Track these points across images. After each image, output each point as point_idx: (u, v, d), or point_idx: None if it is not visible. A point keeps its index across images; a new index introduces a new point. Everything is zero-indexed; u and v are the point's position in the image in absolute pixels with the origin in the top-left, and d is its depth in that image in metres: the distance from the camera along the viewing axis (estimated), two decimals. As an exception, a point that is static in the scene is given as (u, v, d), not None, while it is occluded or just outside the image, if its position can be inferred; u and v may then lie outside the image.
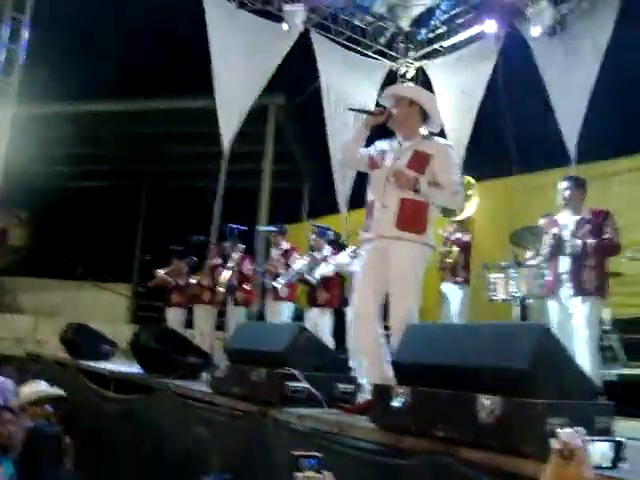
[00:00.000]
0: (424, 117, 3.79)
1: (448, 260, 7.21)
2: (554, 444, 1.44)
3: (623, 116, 8.57)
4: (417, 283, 3.63)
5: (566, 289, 4.80)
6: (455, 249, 7.23)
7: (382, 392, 2.94)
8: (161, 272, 8.84)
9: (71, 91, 10.59)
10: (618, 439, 2.27)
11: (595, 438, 2.15)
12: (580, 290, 4.72)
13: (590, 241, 4.71)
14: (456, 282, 7.16)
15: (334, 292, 7.00)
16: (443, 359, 2.72)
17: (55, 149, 12.97)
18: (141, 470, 4.80)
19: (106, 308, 14.33)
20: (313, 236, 7.20)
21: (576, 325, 4.72)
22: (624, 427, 3.87)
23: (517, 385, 2.43)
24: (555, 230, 4.95)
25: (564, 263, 4.83)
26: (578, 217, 4.87)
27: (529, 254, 6.15)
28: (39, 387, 4.73)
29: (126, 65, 10.58)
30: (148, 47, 10.53)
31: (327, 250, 7.08)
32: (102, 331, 8.33)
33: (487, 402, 2.45)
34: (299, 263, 7.07)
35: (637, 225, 7.39)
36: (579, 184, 4.98)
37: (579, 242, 4.73)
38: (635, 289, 6.82)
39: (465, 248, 7.28)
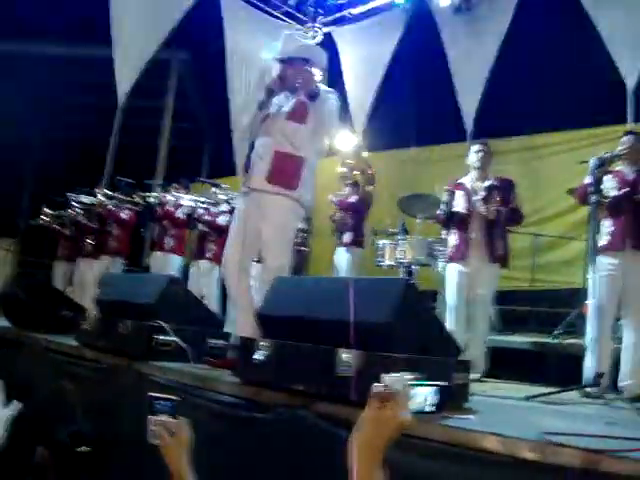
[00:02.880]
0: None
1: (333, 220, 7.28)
2: (374, 388, 1.41)
3: (519, 98, 8.85)
4: (288, 238, 3.66)
5: (476, 254, 4.78)
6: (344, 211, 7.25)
7: (245, 345, 2.87)
8: (49, 211, 8.49)
9: None
10: (442, 384, 2.30)
11: (418, 382, 2.17)
12: (492, 257, 4.75)
13: (503, 209, 4.77)
14: (342, 244, 7.17)
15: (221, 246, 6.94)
16: (307, 312, 2.67)
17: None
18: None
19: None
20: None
21: (479, 290, 4.77)
22: (496, 387, 4.08)
23: (378, 339, 2.42)
24: (462, 193, 4.92)
25: (475, 227, 4.81)
26: (488, 183, 4.86)
27: (418, 221, 6.23)
28: None
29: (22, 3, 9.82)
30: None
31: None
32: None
33: (346, 356, 2.43)
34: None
35: (521, 203, 7.69)
36: (489, 151, 5.03)
37: (495, 208, 4.72)
38: (513, 263, 7.09)
39: (351, 209, 7.27)
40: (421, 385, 2.22)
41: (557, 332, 5.72)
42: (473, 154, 5.00)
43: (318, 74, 3.81)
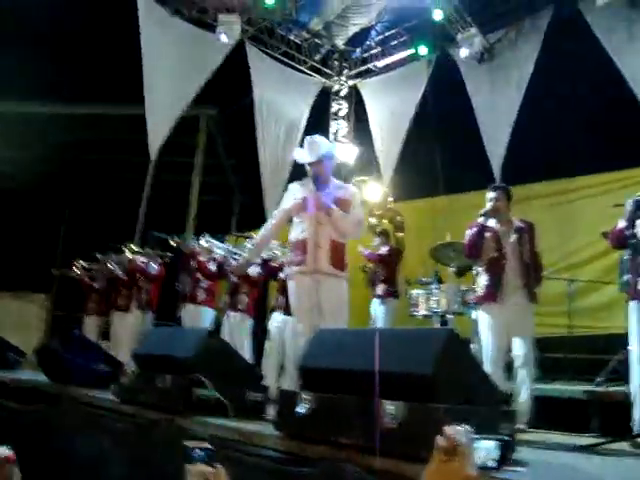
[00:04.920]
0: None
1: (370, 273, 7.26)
2: (439, 440, 1.39)
3: (547, 142, 8.86)
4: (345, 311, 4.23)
5: (516, 296, 4.63)
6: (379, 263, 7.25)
7: (287, 398, 2.85)
8: (82, 264, 8.61)
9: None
10: (505, 438, 2.24)
11: (481, 436, 2.13)
12: (531, 297, 4.62)
13: (537, 250, 4.72)
14: (378, 296, 7.15)
15: (254, 298, 6.96)
16: (348, 364, 2.65)
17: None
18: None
19: (20, 318, 13.66)
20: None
21: (518, 333, 4.58)
22: (539, 437, 3.96)
23: (421, 390, 2.39)
24: (491, 235, 4.77)
25: (512, 269, 4.67)
26: (517, 225, 4.81)
27: (451, 270, 6.19)
28: None
29: (52, 67, 10.20)
30: (76, 49, 10.19)
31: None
32: (14, 342, 7.91)
33: (390, 408, 2.40)
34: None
35: (552, 247, 7.64)
36: (505, 196, 4.96)
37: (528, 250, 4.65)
38: (548, 309, 6.99)
39: (383, 261, 7.27)
40: (483, 439, 2.16)
41: (600, 379, 5.56)
42: (489, 200, 4.94)
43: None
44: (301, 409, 2.69)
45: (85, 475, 4.06)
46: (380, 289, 7.12)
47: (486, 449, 2.20)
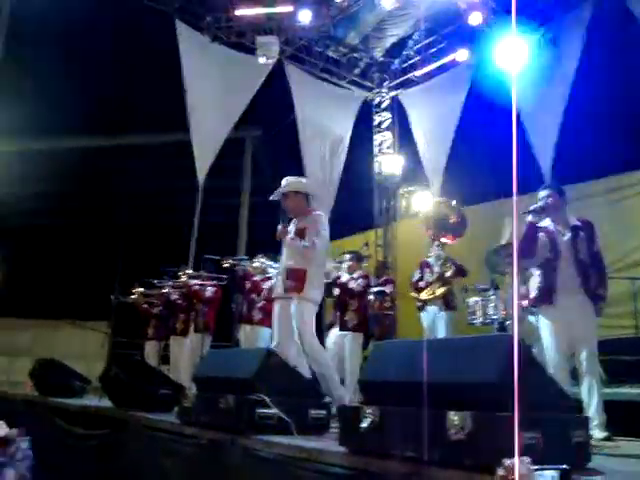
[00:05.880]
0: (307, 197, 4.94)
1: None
2: (498, 471, 1.36)
3: (597, 139, 8.64)
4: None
5: (574, 297, 4.46)
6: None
7: (349, 413, 2.81)
8: (140, 290, 8.76)
9: (42, 127, 10.48)
10: (564, 467, 2.12)
11: (540, 467, 2.02)
12: (592, 298, 4.44)
13: (597, 249, 4.56)
14: (443, 307, 7.06)
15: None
16: (410, 376, 2.60)
17: (26, 187, 12.79)
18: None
19: (83, 347, 14.00)
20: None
21: (583, 332, 4.41)
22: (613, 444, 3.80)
23: (487, 399, 2.33)
24: (545, 235, 4.64)
25: (568, 270, 4.51)
26: (573, 224, 4.68)
27: (509, 277, 6.04)
28: None
29: (99, 100, 10.51)
30: (121, 81, 10.49)
31: None
32: (78, 370, 8.10)
33: (457, 418, 2.34)
34: None
35: (610, 246, 7.40)
36: (560, 192, 4.82)
37: (586, 249, 4.49)
38: (613, 310, 6.76)
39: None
40: (543, 469, 2.07)
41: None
42: (539, 199, 4.79)
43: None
44: (364, 424, 2.65)
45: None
46: (439, 302, 7.06)
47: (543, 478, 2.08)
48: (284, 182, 5.03)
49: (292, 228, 4.94)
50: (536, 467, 1.86)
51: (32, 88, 9.78)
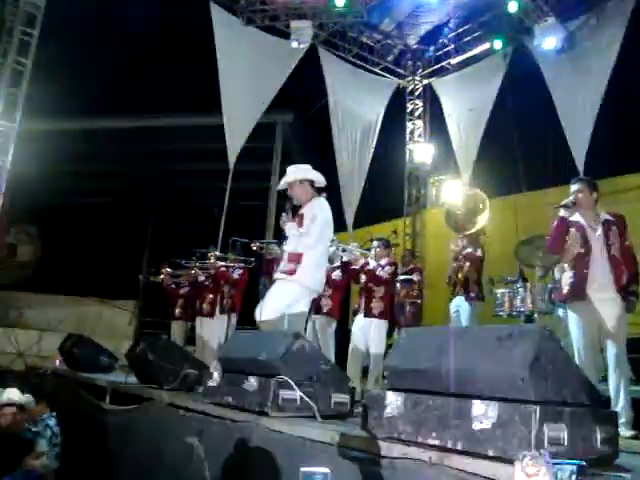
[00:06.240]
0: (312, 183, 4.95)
1: (459, 275, 7.12)
2: (517, 466, 1.37)
3: (634, 132, 8.46)
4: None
5: (605, 293, 4.40)
6: (467, 264, 7.13)
7: (373, 399, 2.82)
8: (168, 270, 8.87)
9: (77, 107, 10.61)
10: (582, 464, 2.09)
11: (559, 461, 2.00)
12: (625, 293, 4.37)
13: (628, 243, 4.50)
14: (468, 297, 7.05)
15: (337, 301, 6.95)
16: (436, 364, 2.59)
17: (62, 165, 12.98)
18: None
19: (111, 324, 14.25)
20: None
21: (610, 329, 4.34)
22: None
23: (514, 390, 2.32)
24: (575, 230, 4.59)
25: (599, 265, 4.46)
26: (604, 218, 4.59)
27: (539, 270, 5.95)
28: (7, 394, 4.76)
29: (133, 82, 10.60)
30: (155, 64, 10.56)
31: None
32: (106, 347, 8.25)
33: (483, 407, 2.33)
34: None
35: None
36: (591, 186, 4.73)
37: (618, 244, 4.44)
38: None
39: (476, 263, 7.16)
40: (560, 464, 2.04)
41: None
42: (571, 193, 4.70)
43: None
44: (390, 410, 2.66)
45: (173, 474, 4.16)
46: (472, 291, 7.07)
47: (564, 473, 2.06)
48: (288, 171, 5.06)
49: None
50: (556, 461, 1.84)
51: (68, 69, 9.89)
